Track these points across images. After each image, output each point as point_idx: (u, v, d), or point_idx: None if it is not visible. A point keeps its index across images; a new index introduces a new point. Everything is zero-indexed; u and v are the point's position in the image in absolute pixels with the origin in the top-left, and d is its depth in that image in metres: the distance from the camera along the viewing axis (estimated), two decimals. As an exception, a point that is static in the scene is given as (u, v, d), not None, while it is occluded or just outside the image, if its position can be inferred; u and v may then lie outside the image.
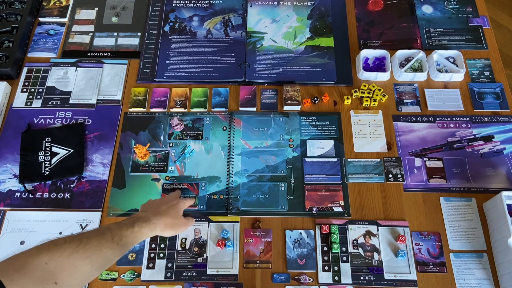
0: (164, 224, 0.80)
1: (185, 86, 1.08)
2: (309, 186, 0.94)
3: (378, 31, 1.16)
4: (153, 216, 0.78)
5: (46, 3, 1.20)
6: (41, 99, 1.05)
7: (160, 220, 0.79)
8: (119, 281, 0.85)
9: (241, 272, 0.86)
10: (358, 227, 0.90)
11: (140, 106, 1.04)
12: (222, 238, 0.89)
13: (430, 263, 0.86)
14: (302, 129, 1.01)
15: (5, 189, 0.94)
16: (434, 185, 0.94)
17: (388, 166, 0.96)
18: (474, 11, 1.18)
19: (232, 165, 0.97)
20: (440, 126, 1.01)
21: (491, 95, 1.05)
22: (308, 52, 1.12)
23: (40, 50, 1.12)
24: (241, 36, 1.14)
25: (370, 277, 0.85)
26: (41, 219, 0.91)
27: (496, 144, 0.99)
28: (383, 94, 1.04)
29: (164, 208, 0.82)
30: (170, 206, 0.83)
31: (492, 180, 0.95)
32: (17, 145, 0.98)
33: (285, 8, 1.20)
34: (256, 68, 1.09)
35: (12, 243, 0.88)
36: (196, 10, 1.20)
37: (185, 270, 0.86)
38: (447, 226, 0.90)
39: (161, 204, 0.84)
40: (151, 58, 1.11)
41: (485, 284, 0.84)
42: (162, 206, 0.83)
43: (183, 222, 0.85)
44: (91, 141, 1.00)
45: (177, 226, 0.83)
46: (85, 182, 0.95)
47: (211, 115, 1.03)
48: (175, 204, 0.85)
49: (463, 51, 1.09)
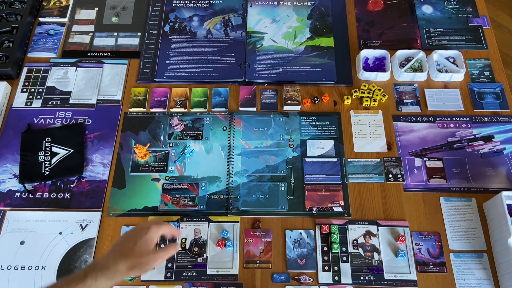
0: (127, 267, 0.68)
1: (185, 86, 1.08)
2: (309, 186, 0.94)
3: (378, 31, 1.16)
4: (113, 261, 0.68)
5: (46, 3, 1.20)
6: (41, 99, 1.05)
7: (122, 263, 0.67)
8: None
9: (241, 272, 0.86)
10: (358, 227, 0.90)
11: (140, 106, 1.04)
12: (222, 238, 0.89)
13: (430, 263, 0.86)
14: (302, 129, 1.01)
15: (5, 189, 0.94)
16: (434, 185, 0.94)
17: (388, 166, 0.96)
18: (474, 11, 1.18)
19: (232, 165, 0.97)
20: (440, 126, 1.01)
21: (491, 95, 1.05)
22: (308, 52, 1.12)
23: (40, 50, 1.12)
24: (241, 36, 1.14)
25: (370, 277, 0.85)
26: (41, 219, 0.91)
27: (496, 144, 0.99)
28: (383, 94, 1.04)
29: (130, 246, 0.70)
30: (138, 241, 0.71)
31: (492, 180, 0.95)
32: (17, 145, 0.98)
33: (285, 8, 1.20)
34: (256, 68, 1.09)
35: (12, 243, 0.88)
36: (196, 10, 1.20)
37: (185, 270, 0.86)
38: (447, 226, 0.90)
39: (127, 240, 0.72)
40: (151, 58, 1.12)
41: (485, 284, 0.84)
42: (128, 242, 0.71)
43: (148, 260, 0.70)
44: (91, 141, 1.00)
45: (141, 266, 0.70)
46: (85, 182, 0.95)
47: (211, 115, 1.03)
48: (143, 236, 0.71)
49: (463, 51, 1.09)
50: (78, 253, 0.87)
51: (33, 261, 0.86)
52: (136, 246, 0.70)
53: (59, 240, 0.88)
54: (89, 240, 0.89)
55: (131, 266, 0.68)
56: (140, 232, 0.72)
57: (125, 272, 0.68)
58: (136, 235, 0.72)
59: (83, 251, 0.87)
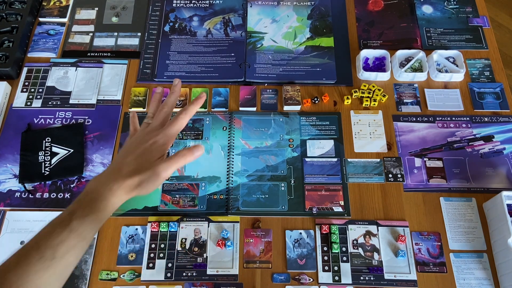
0: (125, 189, 0.55)
1: (185, 86, 1.08)
2: (309, 186, 0.94)
3: (378, 31, 1.16)
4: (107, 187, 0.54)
5: (46, 3, 1.20)
6: (41, 99, 1.05)
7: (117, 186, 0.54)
8: (119, 281, 0.85)
9: (241, 272, 0.86)
10: (358, 227, 0.90)
11: (140, 106, 1.04)
12: (222, 238, 0.89)
13: (430, 263, 0.86)
14: (302, 129, 1.01)
15: (5, 189, 0.94)
16: (434, 185, 0.94)
17: (388, 166, 0.96)
18: (474, 11, 1.18)
19: (232, 165, 0.97)
20: (440, 126, 1.01)
21: (491, 95, 1.05)
22: (308, 52, 1.12)
23: (40, 50, 1.12)
24: (241, 36, 1.14)
25: (370, 277, 0.85)
26: (41, 219, 0.91)
27: (496, 144, 0.99)
28: (383, 94, 1.04)
29: (130, 160, 0.56)
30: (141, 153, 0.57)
31: (492, 180, 0.95)
32: (17, 145, 0.98)
33: (285, 8, 1.20)
34: (256, 68, 1.09)
35: (12, 243, 0.88)
36: (196, 10, 1.20)
37: (185, 270, 0.86)
38: (447, 226, 0.90)
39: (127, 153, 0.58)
40: (151, 58, 1.12)
41: (485, 284, 0.84)
42: (128, 156, 0.57)
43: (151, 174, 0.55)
44: (91, 141, 1.00)
45: (143, 184, 0.55)
46: (85, 182, 0.95)
47: (211, 115, 1.03)
48: (149, 146, 0.58)
49: (463, 51, 1.09)
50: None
51: (33, 261, 0.86)
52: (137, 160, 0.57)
53: (59, 240, 0.88)
54: (89, 240, 0.89)
55: (130, 185, 0.55)
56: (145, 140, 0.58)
57: (123, 195, 0.55)
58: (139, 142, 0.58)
59: (83, 251, 0.87)
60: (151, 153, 0.57)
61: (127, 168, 0.56)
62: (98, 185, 0.55)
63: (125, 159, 0.58)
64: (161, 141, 0.59)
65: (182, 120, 0.62)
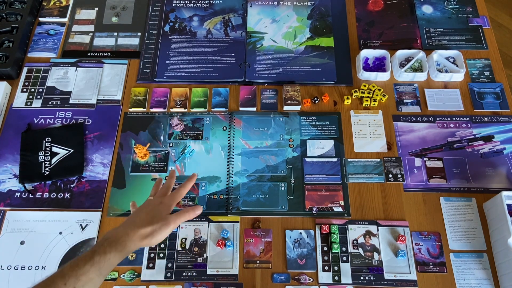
0: (139, 236, 0.66)
1: (185, 86, 1.08)
2: (309, 186, 0.94)
3: (378, 31, 1.16)
4: (123, 231, 0.65)
5: (46, 3, 1.20)
6: (41, 99, 1.05)
7: (133, 232, 0.65)
8: (119, 281, 0.85)
9: (241, 272, 0.86)
10: (358, 227, 0.90)
11: (140, 106, 1.04)
12: (222, 238, 0.89)
13: (430, 263, 0.86)
14: (302, 129, 1.01)
15: (5, 189, 0.94)
16: (434, 185, 0.94)
17: (388, 166, 0.96)
18: (474, 11, 1.18)
19: (232, 165, 0.97)
20: (440, 126, 1.01)
21: (491, 95, 1.05)
22: (308, 52, 1.12)
23: (40, 50, 1.12)
24: (241, 36, 1.14)
25: (370, 277, 0.85)
26: (41, 219, 0.91)
27: (496, 144, 0.99)
28: (383, 94, 1.04)
29: (142, 216, 0.69)
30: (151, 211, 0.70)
31: (492, 180, 0.95)
32: (17, 145, 0.98)
33: (285, 8, 1.20)
34: (256, 68, 1.09)
35: (12, 243, 0.88)
36: (196, 10, 1.20)
37: (185, 270, 0.86)
38: (447, 226, 0.90)
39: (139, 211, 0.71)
40: (151, 58, 1.12)
41: (485, 284, 0.84)
42: (140, 213, 0.70)
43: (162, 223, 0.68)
44: (91, 141, 1.00)
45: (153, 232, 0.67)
46: (85, 182, 0.95)
47: (211, 115, 1.03)
48: (157, 206, 0.71)
49: (463, 51, 1.09)
50: (78, 253, 0.87)
51: (33, 261, 0.86)
52: (149, 215, 0.69)
53: (59, 240, 0.88)
54: (89, 240, 0.89)
55: (143, 234, 0.66)
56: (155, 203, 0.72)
57: (137, 241, 0.66)
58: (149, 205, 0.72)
59: (83, 251, 0.87)
60: (160, 210, 0.71)
61: (141, 221, 0.68)
62: (116, 233, 0.66)
63: (138, 215, 0.70)
64: (167, 202, 0.73)
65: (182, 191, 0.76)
